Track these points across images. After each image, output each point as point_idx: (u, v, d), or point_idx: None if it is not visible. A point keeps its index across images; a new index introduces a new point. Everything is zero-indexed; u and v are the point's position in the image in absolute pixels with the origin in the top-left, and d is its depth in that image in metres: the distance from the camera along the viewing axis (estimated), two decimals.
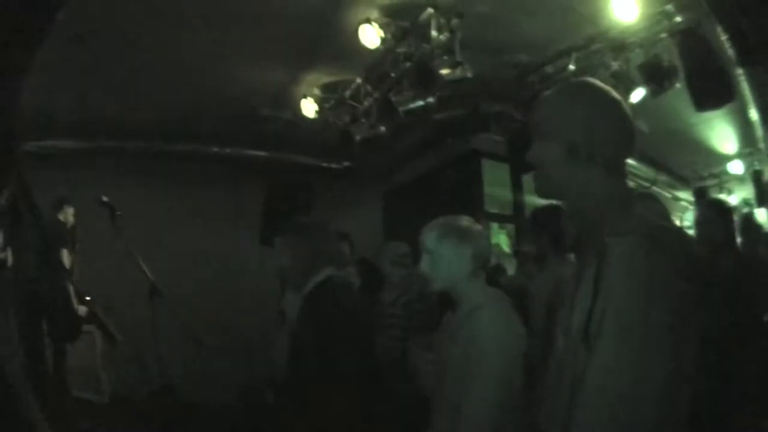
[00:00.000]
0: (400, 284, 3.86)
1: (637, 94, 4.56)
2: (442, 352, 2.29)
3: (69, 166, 5.46)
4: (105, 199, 4.12)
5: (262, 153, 6.18)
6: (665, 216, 1.44)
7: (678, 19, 4.16)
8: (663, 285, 1.26)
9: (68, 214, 4.88)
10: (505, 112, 5.27)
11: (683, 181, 8.06)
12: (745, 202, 4.61)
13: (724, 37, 3.21)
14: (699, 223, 3.39)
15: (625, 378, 1.24)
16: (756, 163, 6.90)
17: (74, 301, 4.58)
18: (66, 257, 4.68)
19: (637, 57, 4.50)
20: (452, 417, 2.14)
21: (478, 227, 2.36)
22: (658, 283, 1.26)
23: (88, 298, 4.72)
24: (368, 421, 2.63)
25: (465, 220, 2.36)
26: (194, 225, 5.89)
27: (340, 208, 6.48)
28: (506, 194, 5.95)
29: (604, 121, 1.45)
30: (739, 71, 4.51)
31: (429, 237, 2.33)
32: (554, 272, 3.06)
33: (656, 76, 4.45)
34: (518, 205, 5.84)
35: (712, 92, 4.29)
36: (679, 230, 1.52)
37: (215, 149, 5.94)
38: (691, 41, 4.19)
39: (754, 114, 5.21)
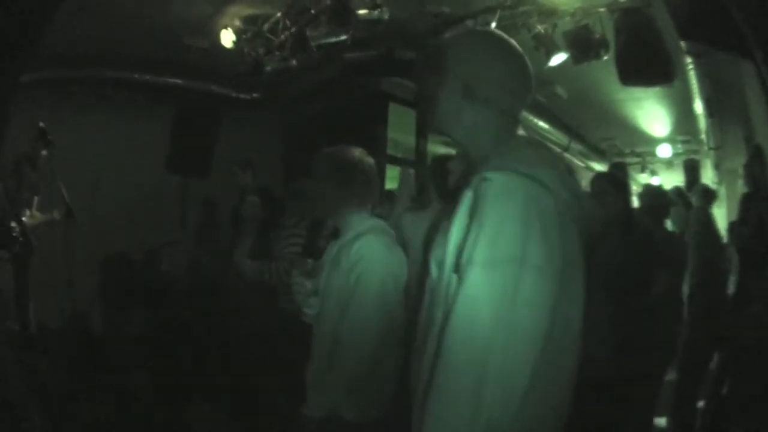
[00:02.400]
0: (299, 211, 3.97)
1: (557, 59, 4.77)
2: (323, 280, 2.30)
3: None
4: (41, 124, 4.25)
5: (178, 81, 6.22)
6: (555, 163, 1.44)
7: None
8: (538, 218, 1.28)
9: None
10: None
11: (600, 154, 8.11)
12: (678, 190, 4.89)
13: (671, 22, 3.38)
14: (593, 195, 3.29)
15: (491, 306, 1.24)
16: (693, 153, 7.04)
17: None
18: None
19: (565, 24, 4.64)
20: (330, 345, 2.17)
21: (369, 159, 2.36)
22: (533, 215, 1.27)
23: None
24: (258, 342, 2.77)
25: (357, 151, 2.34)
26: (113, 151, 5.91)
27: (246, 138, 6.61)
28: (410, 140, 6.19)
29: (503, 68, 1.49)
30: (689, 60, 4.79)
31: (318, 166, 2.34)
32: (432, 214, 2.99)
33: (581, 45, 4.60)
34: (420, 153, 6.10)
35: (642, 70, 4.34)
36: (566, 172, 1.45)
37: (136, 76, 5.93)
38: (634, 20, 4.26)
39: (698, 105, 5.57)
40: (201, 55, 5.77)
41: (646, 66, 4.30)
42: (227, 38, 5.59)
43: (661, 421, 4.02)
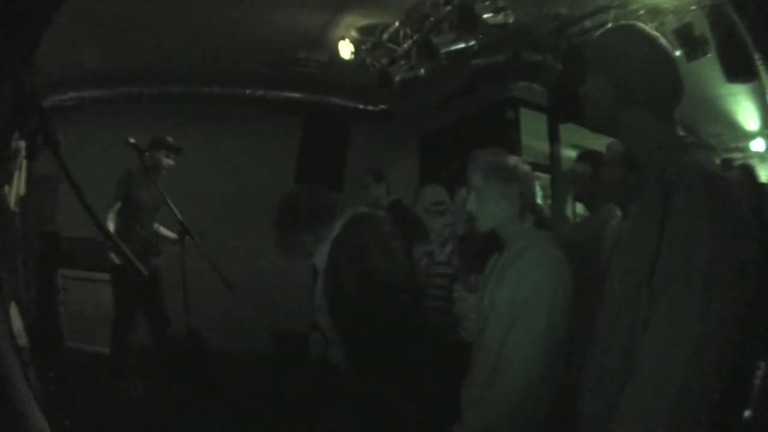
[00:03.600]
0: (443, 233, 3.78)
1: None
2: (487, 295, 2.22)
3: (102, 116, 5.48)
4: (131, 140, 4.16)
5: (297, 95, 6.11)
6: (716, 166, 1.47)
7: None
8: (729, 234, 1.28)
9: None
10: (545, 62, 5.13)
11: (712, 150, 7.85)
12: None
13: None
14: None
15: (692, 325, 1.26)
16: None
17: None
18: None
19: (672, 22, 4.43)
20: (494, 362, 2.10)
21: (525, 166, 2.28)
22: (723, 232, 1.27)
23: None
24: (407, 366, 2.58)
25: (512, 158, 2.28)
26: (228, 167, 5.90)
27: (376, 150, 6.47)
28: (542, 145, 5.85)
29: (653, 64, 1.46)
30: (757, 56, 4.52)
31: (476, 174, 2.26)
32: (597, 220, 2.95)
33: (689, 43, 4.40)
34: (554, 157, 5.73)
35: (737, 67, 4.22)
36: (734, 181, 1.49)
37: (250, 92, 5.88)
38: (717, 16, 4.16)
39: None
40: (320, 68, 5.63)
41: (739, 64, 4.14)
42: (346, 50, 5.38)
43: None
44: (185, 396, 4.40)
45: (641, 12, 4.43)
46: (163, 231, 4.78)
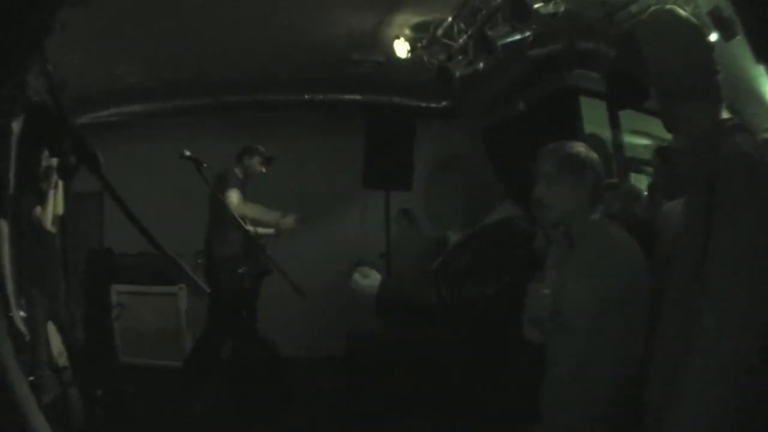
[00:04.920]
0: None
1: (712, 37, 4.28)
2: (563, 292, 2.16)
3: (155, 128, 5.74)
4: (187, 153, 4.22)
5: (357, 97, 6.19)
6: (758, 148, 1.42)
7: None
8: None
9: None
10: (599, 49, 5.01)
11: (753, 131, 7.48)
12: None
13: None
14: None
15: (739, 312, 1.27)
16: None
17: None
18: None
19: (705, 4, 4.26)
20: (579, 361, 2.07)
21: (593, 154, 2.27)
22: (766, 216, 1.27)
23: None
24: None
25: (581, 146, 2.27)
26: (292, 173, 6.00)
27: (442, 147, 6.41)
28: (603, 132, 5.71)
29: (692, 52, 1.47)
30: None
31: (546, 163, 2.26)
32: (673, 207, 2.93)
33: (722, 25, 4.21)
34: (618, 145, 5.59)
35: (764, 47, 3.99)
36: None
37: (308, 96, 5.99)
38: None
39: None
40: (377, 69, 5.68)
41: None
42: (402, 49, 5.39)
43: None
44: (260, 405, 4.46)
45: None
46: (261, 230, 4.94)
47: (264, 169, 5.09)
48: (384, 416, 3.79)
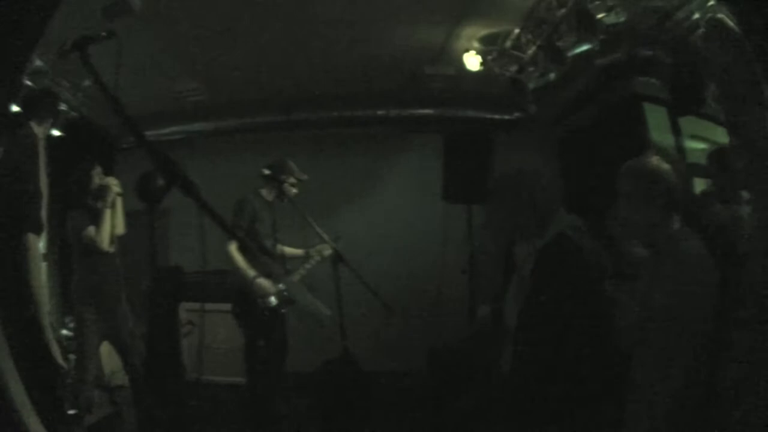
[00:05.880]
0: None
1: None
2: (644, 300, 2.27)
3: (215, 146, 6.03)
4: (267, 171, 4.40)
5: (431, 111, 6.34)
6: None
7: None
8: None
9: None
10: (658, 56, 5.01)
11: None
12: None
13: None
14: None
15: None
16: None
17: None
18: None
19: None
20: (658, 366, 2.14)
21: (666, 165, 2.33)
22: None
23: None
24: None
25: (654, 159, 2.35)
26: (370, 189, 6.24)
27: (518, 159, 6.44)
28: (667, 138, 5.62)
29: (742, 60, 1.53)
30: None
31: (622, 179, 2.37)
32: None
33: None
34: (680, 149, 5.46)
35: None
36: None
37: (382, 112, 6.16)
38: None
39: None
40: (449, 82, 5.83)
41: None
42: (473, 61, 5.54)
43: None
44: (340, 420, 4.54)
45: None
46: (288, 251, 4.93)
47: (295, 190, 4.76)
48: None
